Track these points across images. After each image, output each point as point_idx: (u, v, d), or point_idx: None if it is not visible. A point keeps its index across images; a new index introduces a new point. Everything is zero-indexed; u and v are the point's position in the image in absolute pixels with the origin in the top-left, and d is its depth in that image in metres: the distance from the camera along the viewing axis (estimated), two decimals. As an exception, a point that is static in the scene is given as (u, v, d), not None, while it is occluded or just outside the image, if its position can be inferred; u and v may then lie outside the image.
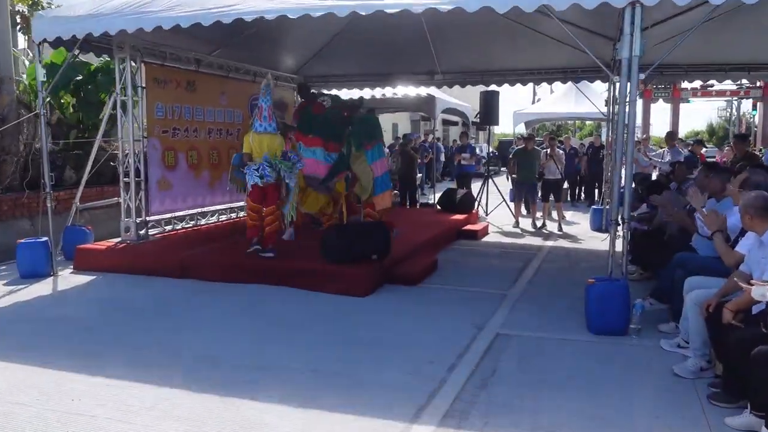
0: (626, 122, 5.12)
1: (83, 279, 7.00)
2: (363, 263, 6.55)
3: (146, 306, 5.85)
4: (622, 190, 5.35)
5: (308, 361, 4.35)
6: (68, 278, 7.06)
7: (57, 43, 7.00)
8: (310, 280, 6.45)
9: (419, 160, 14.07)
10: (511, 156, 12.03)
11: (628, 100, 5.01)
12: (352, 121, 7.60)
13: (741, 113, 40.47)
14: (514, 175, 11.44)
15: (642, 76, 5.01)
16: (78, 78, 9.82)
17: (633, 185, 6.68)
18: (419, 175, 14.28)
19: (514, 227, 11.20)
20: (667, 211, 6.04)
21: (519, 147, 11.81)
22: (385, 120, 27.67)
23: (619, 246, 5.25)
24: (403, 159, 12.82)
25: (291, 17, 5.73)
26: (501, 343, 4.84)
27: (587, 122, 35.57)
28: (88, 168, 8.34)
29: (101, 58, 9.23)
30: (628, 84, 4.96)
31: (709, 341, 4.08)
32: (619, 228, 5.25)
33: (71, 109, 10.37)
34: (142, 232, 8.11)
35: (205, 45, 9.27)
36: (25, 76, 10.35)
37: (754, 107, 33.20)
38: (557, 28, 5.61)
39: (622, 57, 4.96)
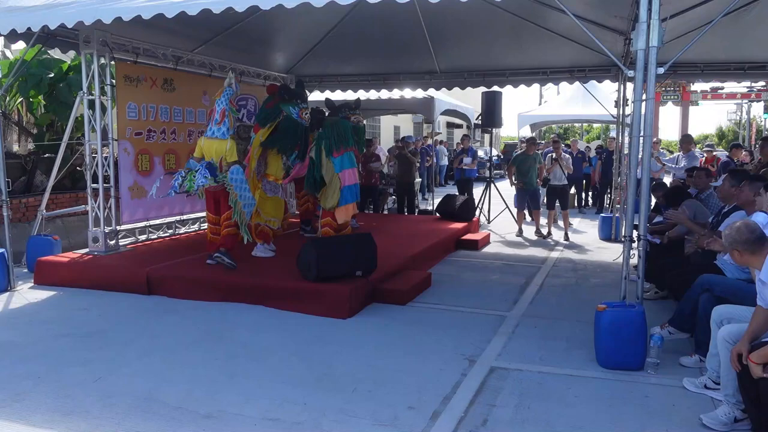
0: (642, 123, 4.46)
1: (41, 295, 6.37)
2: (346, 280, 5.88)
3: (98, 330, 5.18)
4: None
5: (267, 407, 3.67)
6: (25, 294, 6.43)
7: (13, 36, 6.41)
8: (288, 299, 5.81)
9: (418, 164, 13.37)
10: (510, 161, 11.37)
11: (644, 97, 4.34)
12: (323, 125, 7.10)
13: (751, 116, 39.55)
14: (515, 182, 10.73)
15: (661, 70, 4.34)
16: (50, 76, 9.21)
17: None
18: (418, 180, 13.59)
19: (517, 236, 10.52)
20: (690, 229, 5.30)
21: (520, 152, 11.13)
22: (387, 122, 27.11)
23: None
24: (399, 163, 12.13)
25: (263, 8, 5.11)
26: (496, 380, 4.16)
27: (594, 125, 34.84)
28: (54, 172, 7.73)
29: (75, 55, 8.65)
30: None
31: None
32: (634, 245, 4.60)
33: (43, 110, 9.76)
34: (113, 242, 7.50)
35: (187, 41, 8.69)
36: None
37: (766, 110, 32.39)
38: (562, 23, 5.04)
39: (638, 48, 4.32)
